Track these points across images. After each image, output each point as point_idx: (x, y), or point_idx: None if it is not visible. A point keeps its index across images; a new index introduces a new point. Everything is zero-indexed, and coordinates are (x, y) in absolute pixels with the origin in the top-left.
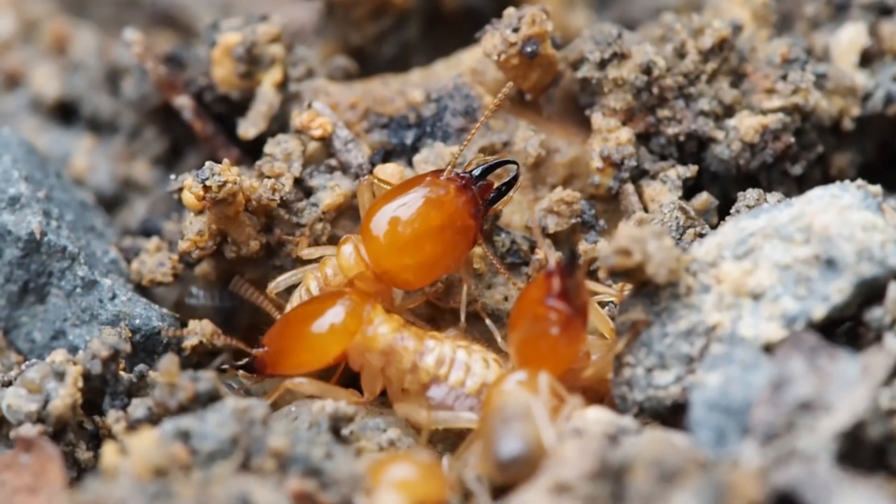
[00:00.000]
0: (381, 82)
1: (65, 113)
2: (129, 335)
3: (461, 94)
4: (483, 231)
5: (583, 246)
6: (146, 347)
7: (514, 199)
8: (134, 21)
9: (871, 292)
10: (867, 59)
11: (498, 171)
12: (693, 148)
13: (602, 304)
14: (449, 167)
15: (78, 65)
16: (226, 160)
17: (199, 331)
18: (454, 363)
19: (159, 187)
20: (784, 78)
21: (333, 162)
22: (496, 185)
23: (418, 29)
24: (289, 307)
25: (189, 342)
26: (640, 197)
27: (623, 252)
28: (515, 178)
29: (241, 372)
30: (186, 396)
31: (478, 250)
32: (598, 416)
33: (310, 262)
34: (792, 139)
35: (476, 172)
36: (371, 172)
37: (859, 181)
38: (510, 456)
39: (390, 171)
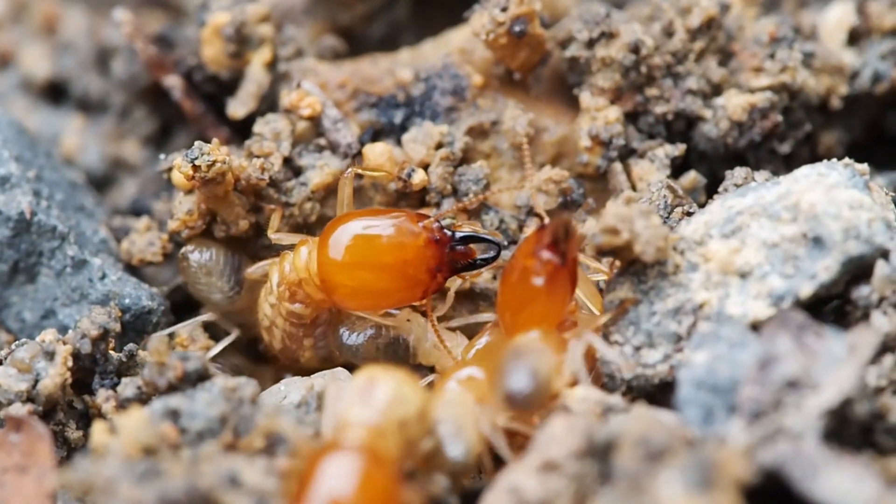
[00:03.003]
0: (370, 62)
1: (55, 93)
2: (119, 315)
3: (450, 74)
4: (436, 292)
5: None
6: (136, 327)
7: (502, 179)
8: (124, 1)
9: (858, 270)
10: (855, 38)
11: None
12: (681, 127)
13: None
14: (433, 217)
15: (68, 45)
16: (215, 140)
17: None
18: None
19: (149, 167)
20: (772, 56)
21: (322, 141)
22: (476, 257)
23: (407, 8)
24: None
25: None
26: (629, 176)
27: (611, 230)
28: (494, 258)
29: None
30: (175, 375)
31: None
32: (585, 395)
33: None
34: (780, 118)
35: (458, 235)
36: (357, 156)
37: (846, 160)
38: (520, 391)
39: (379, 151)
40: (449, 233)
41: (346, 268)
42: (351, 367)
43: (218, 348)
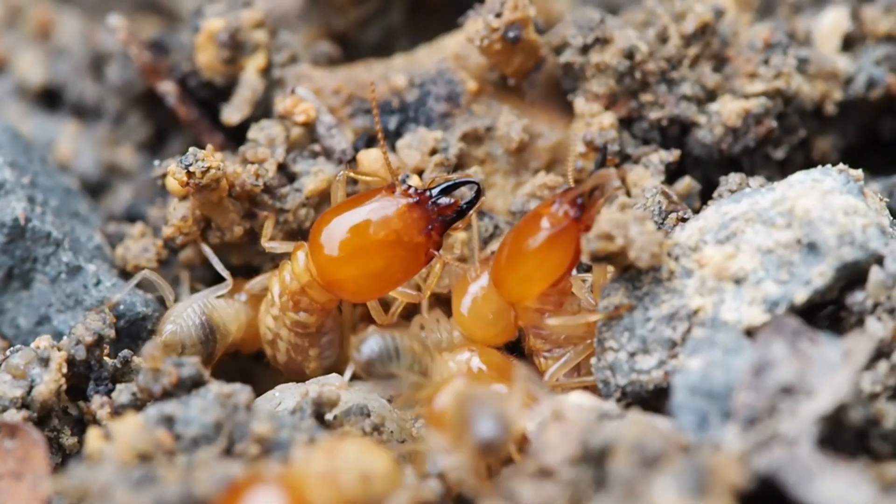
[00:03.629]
0: (365, 68)
1: (49, 98)
2: (114, 321)
3: (444, 80)
4: (439, 249)
5: None
6: (130, 333)
7: (497, 185)
8: (118, 6)
9: (852, 276)
10: (849, 44)
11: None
12: (675, 132)
13: None
14: (399, 182)
15: (62, 50)
16: (209, 146)
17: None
18: None
19: (144, 173)
20: (766, 62)
21: (317, 147)
22: (460, 203)
23: (402, 14)
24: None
25: None
26: (623, 181)
27: (605, 237)
28: (477, 196)
29: None
30: (170, 382)
31: (461, 235)
32: (580, 401)
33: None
34: (774, 123)
35: (435, 191)
36: (351, 162)
37: (841, 165)
38: (492, 438)
39: (373, 157)
40: (422, 191)
41: (345, 260)
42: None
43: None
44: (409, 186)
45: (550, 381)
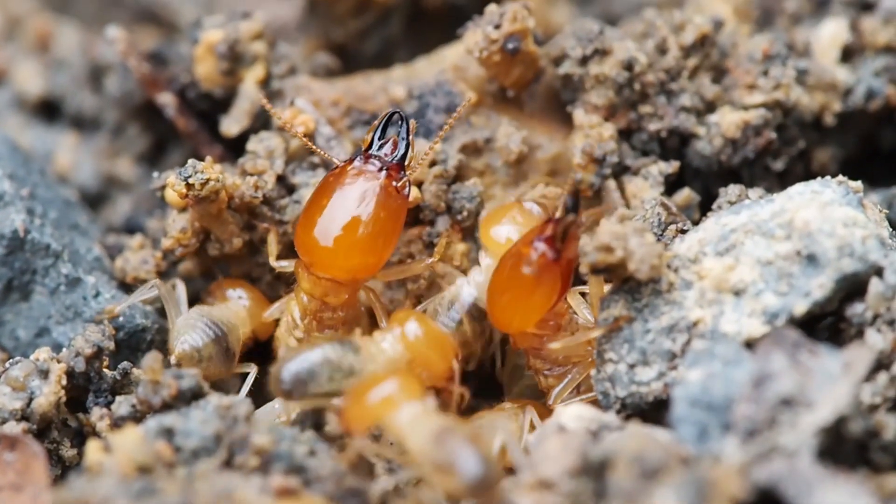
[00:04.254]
0: (364, 79)
1: (48, 110)
2: (113, 333)
3: (443, 91)
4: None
5: None
6: (130, 345)
7: (496, 196)
8: (117, 18)
9: (852, 288)
10: (848, 55)
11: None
12: (675, 144)
13: None
14: (339, 161)
15: (61, 62)
16: (209, 157)
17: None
18: None
19: (143, 184)
20: (765, 73)
21: (316, 159)
22: (397, 140)
23: (401, 25)
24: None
25: None
26: (622, 193)
27: (605, 248)
28: (406, 124)
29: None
30: (170, 394)
31: (460, 247)
32: (580, 413)
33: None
34: (773, 135)
35: (374, 147)
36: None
37: (840, 177)
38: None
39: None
40: (367, 150)
41: (345, 246)
42: None
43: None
44: (350, 158)
45: (555, 403)
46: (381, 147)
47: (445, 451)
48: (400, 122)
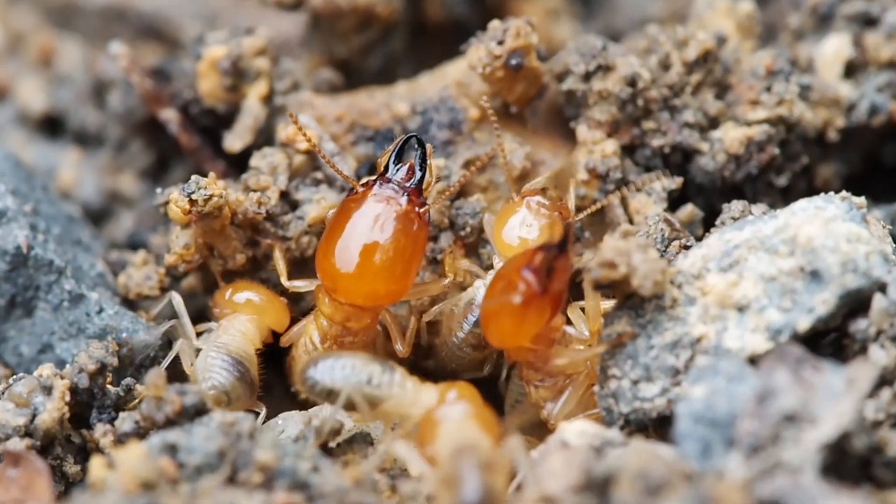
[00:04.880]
0: (367, 95)
1: (51, 126)
2: (116, 349)
3: (446, 107)
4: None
5: None
6: (133, 361)
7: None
8: (120, 33)
9: (855, 304)
10: (851, 70)
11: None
12: (678, 160)
13: None
14: (354, 181)
15: (64, 78)
16: (212, 173)
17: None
18: None
19: (146, 200)
20: (768, 89)
21: (319, 175)
22: (413, 164)
23: (404, 41)
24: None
25: None
26: (626, 209)
27: (608, 264)
28: (423, 149)
29: None
30: (173, 410)
31: (464, 263)
32: (583, 429)
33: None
34: (777, 150)
35: (389, 171)
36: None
37: (843, 193)
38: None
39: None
40: (383, 173)
41: (369, 273)
42: None
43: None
44: (367, 180)
45: (556, 423)
46: (397, 171)
47: (456, 467)
48: (417, 146)
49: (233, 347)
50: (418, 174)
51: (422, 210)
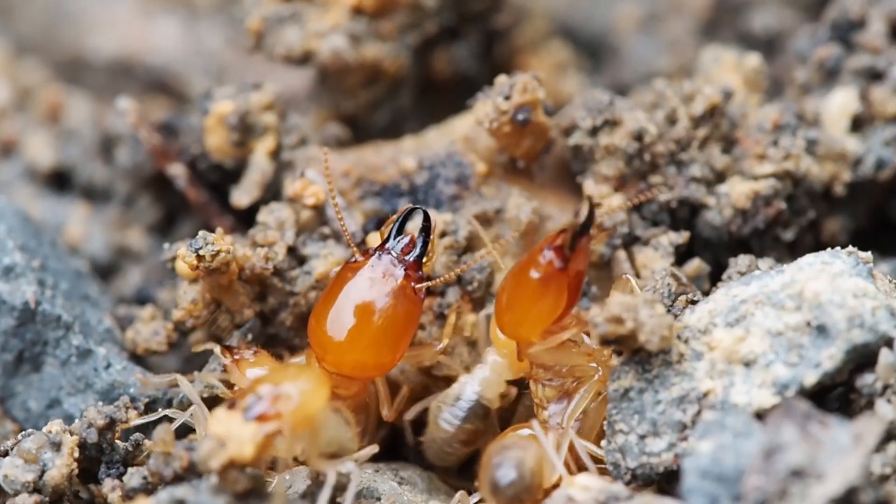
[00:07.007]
0: (374, 150)
1: (59, 181)
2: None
3: (454, 162)
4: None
5: (575, 311)
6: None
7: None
8: (127, 88)
9: (862, 359)
10: (858, 125)
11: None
12: (685, 214)
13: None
14: (353, 250)
15: (72, 133)
16: (219, 229)
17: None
18: None
19: (154, 255)
20: (775, 143)
21: (327, 230)
22: (415, 236)
23: (411, 96)
24: None
25: None
26: (633, 263)
27: (615, 320)
28: (427, 221)
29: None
30: (181, 465)
31: (471, 318)
32: (588, 483)
33: None
34: (783, 205)
35: (389, 242)
36: (361, 243)
37: (850, 248)
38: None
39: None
40: (383, 244)
41: (358, 344)
42: None
43: None
44: (367, 249)
45: (566, 426)
46: (397, 243)
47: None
48: (423, 221)
49: None
50: (418, 249)
51: (418, 286)
